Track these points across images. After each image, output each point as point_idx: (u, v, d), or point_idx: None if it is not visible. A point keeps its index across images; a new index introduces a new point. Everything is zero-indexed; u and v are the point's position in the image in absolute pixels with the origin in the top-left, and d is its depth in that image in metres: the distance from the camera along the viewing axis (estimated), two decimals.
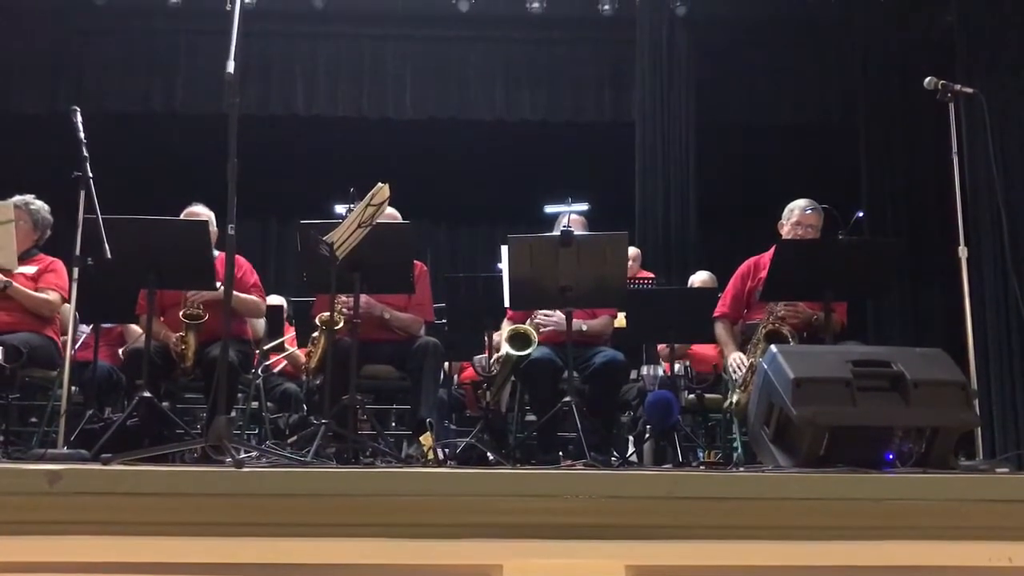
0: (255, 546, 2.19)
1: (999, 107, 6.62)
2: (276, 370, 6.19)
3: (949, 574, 2.27)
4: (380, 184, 3.61)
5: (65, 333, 4.18)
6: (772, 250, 4.32)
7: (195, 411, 5.74)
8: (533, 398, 4.77)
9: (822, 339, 4.18)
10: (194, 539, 2.18)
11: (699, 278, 5.98)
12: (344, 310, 4.27)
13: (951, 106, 4.08)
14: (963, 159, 4.14)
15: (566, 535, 2.23)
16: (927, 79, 4.10)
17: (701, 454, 5.55)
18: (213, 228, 4.44)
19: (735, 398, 4.41)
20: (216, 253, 4.28)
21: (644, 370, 5.43)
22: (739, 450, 5.01)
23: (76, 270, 3.78)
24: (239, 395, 5.12)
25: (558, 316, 4.57)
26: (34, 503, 2.16)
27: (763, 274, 4.37)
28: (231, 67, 2.76)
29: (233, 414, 4.71)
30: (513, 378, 4.90)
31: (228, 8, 3.03)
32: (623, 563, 2.22)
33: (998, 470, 3.20)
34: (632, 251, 5.82)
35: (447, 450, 4.75)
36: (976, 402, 3.38)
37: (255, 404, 5.41)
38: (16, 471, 2.24)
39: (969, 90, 4.10)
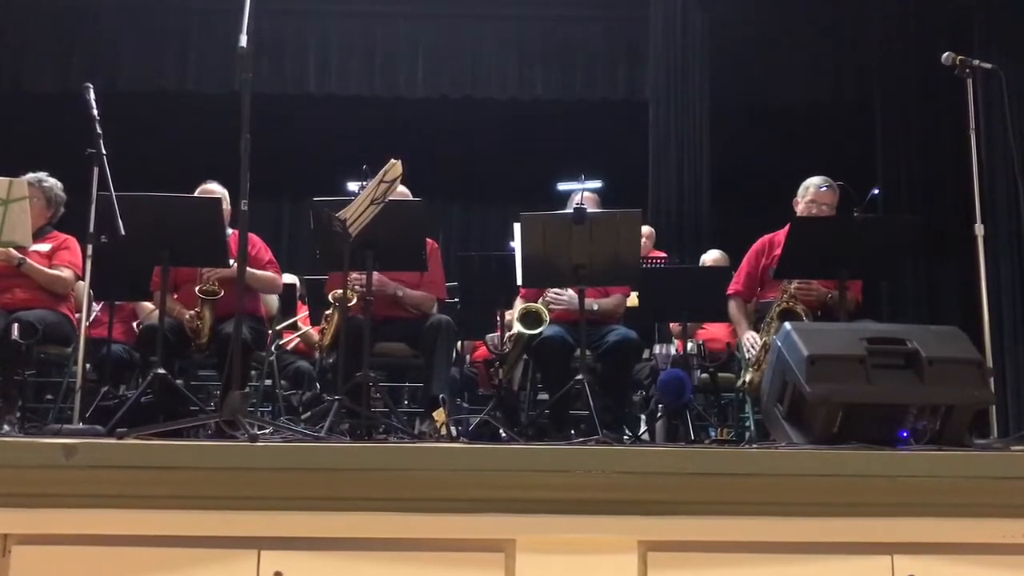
0: (269, 519, 2.20)
1: (1017, 83, 6.55)
2: (289, 348, 6.21)
3: (962, 551, 2.27)
4: (393, 160, 3.60)
5: (80, 310, 4.20)
6: (787, 228, 4.29)
7: (209, 388, 5.77)
8: (545, 376, 4.77)
9: (836, 317, 4.16)
10: (208, 512, 2.20)
11: (711, 256, 5.96)
12: (357, 287, 4.27)
13: (968, 82, 4.03)
14: (980, 136, 4.09)
15: (579, 510, 2.24)
16: (945, 55, 4.05)
17: (713, 433, 5.55)
18: (227, 205, 4.45)
19: (748, 377, 4.40)
20: (229, 231, 4.29)
21: (657, 349, 5.41)
22: (751, 429, 5.01)
23: (90, 247, 3.79)
24: (252, 373, 5.14)
25: (569, 294, 4.56)
26: (50, 476, 2.18)
27: (777, 252, 4.35)
28: (243, 41, 2.75)
29: (247, 391, 4.73)
30: (525, 356, 4.90)
31: None
32: (635, 538, 2.23)
33: (1012, 448, 3.19)
34: (645, 230, 5.80)
35: (459, 427, 4.76)
36: (991, 380, 3.36)
37: (268, 382, 5.44)
38: (32, 444, 2.27)
39: (988, 65, 4.04)
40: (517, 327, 4.66)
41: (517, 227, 4.27)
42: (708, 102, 8.17)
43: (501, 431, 4.50)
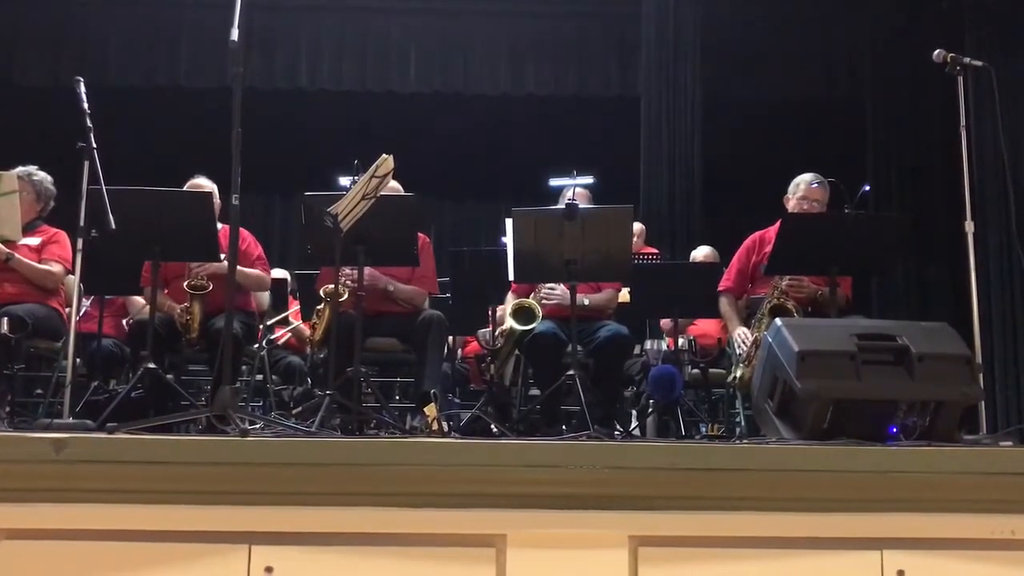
0: (259, 514, 2.20)
1: (1008, 81, 6.57)
2: (280, 343, 6.20)
3: (951, 546, 2.28)
4: (384, 156, 3.59)
5: (70, 304, 4.19)
6: (777, 224, 4.30)
7: (199, 383, 5.75)
8: (537, 372, 4.78)
9: (827, 314, 4.17)
10: (199, 507, 2.19)
11: (701, 252, 5.97)
12: (348, 283, 4.27)
13: (960, 79, 4.04)
14: (970, 133, 4.10)
15: (570, 505, 2.24)
16: (936, 52, 4.06)
17: (704, 428, 5.56)
18: (217, 200, 4.44)
19: (739, 373, 4.41)
20: (220, 225, 4.28)
21: (648, 344, 5.42)
22: (742, 424, 5.02)
23: (80, 242, 3.77)
24: (243, 368, 5.13)
25: (561, 290, 4.56)
26: (40, 471, 2.17)
27: (768, 248, 4.36)
28: (235, 35, 2.74)
29: (237, 386, 4.72)
30: (517, 352, 4.90)
31: None
32: (626, 533, 2.23)
33: (1001, 444, 3.20)
34: (636, 226, 5.79)
35: (451, 422, 4.76)
36: (980, 376, 3.38)
37: (259, 377, 5.43)
38: (22, 439, 2.25)
39: (978, 63, 4.05)
40: (509, 322, 4.66)
41: (509, 223, 4.27)
42: (700, 98, 8.17)
43: (493, 426, 4.50)
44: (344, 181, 5.30)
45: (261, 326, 5.26)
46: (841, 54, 8.59)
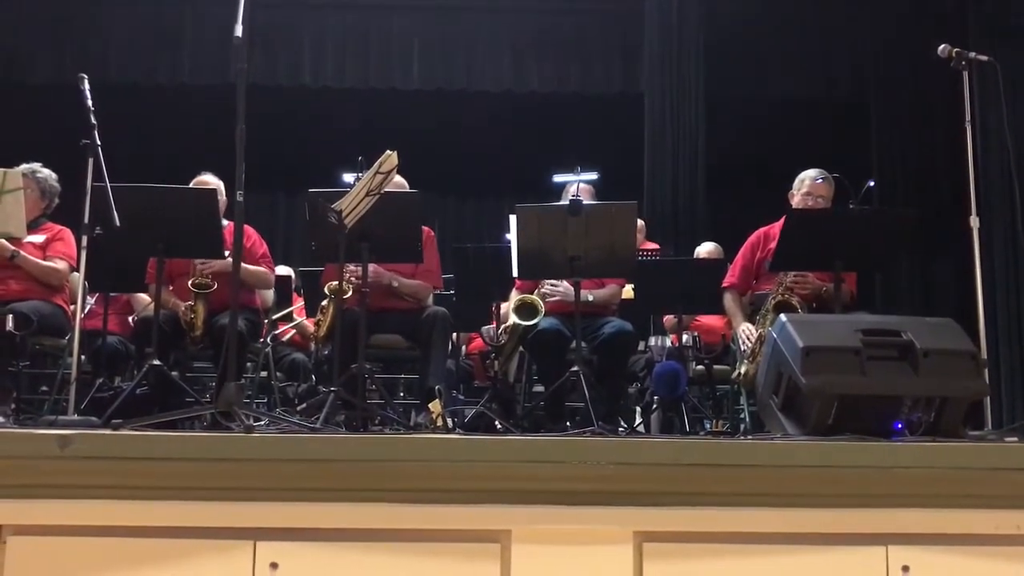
0: (264, 511, 2.20)
1: (1012, 77, 6.55)
2: (284, 339, 6.20)
3: (956, 542, 2.28)
4: (388, 152, 3.59)
5: (74, 301, 4.19)
6: (782, 220, 4.30)
7: (204, 380, 5.76)
8: (541, 368, 4.78)
9: (831, 310, 4.16)
10: (204, 503, 2.20)
11: (704, 248, 5.96)
12: (352, 279, 4.27)
13: (964, 75, 4.02)
14: (975, 128, 4.08)
15: (574, 501, 2.24)
16: (941, 47, 4.04)
17: (708, 425, 5.56)
18: (222, 197, 4.44)
19: (743, 369, 4.40)
20: (225, 222, 4.28)
21: (652, 341, 5.42)
22: (747, 421, 5.02)
23: (85, 239, 3.78)
24: (248, 364, 5.13)
25: (565, 286, 4.56)
26: (45, 467, 2.18)
27: (773, 244, 4.35)
28: (239, 31, 2.74)
29: (242, 382, 4.72)
30: (521, 348, 4.90)
31: None
32: (631, 529, 2.24)
33: (1006, 439, 3.20)
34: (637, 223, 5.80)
35: (455, 419, 4.76)
36: (985, 371, 3.37)
37: (264, 373, 5.43)
38: (28, 435, 2.26)
39: (984, 58, 4.03)
40: (513, 319, 4.66)
41: (513, 219, 4.27)
42: (703, 95, 8.16)
43: (497, 423, 4.49)
44: (348, 178, 5.30)
45: (266, 321, 5.27)
46: (844, 51, 8.58)
